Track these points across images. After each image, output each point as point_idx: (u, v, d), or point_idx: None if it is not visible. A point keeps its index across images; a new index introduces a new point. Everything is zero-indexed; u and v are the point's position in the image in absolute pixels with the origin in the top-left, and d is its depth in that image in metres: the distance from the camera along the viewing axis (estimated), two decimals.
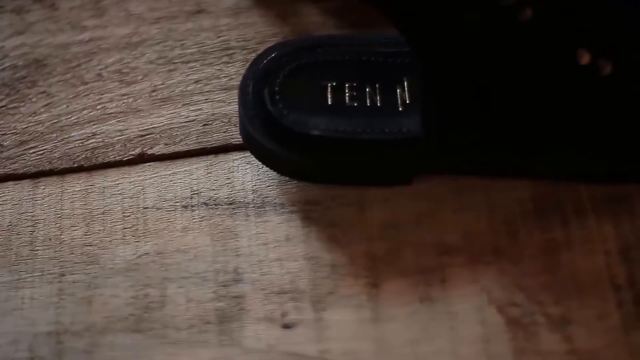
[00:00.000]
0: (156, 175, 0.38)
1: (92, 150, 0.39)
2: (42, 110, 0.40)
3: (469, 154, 0.34)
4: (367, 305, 0.34)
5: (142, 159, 0.38)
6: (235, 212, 0.36)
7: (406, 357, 0.33)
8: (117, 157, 0.38)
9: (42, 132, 0.40)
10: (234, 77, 0.40)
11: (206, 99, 0.40)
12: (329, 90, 0.36)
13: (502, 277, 0.34)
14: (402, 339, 0.33)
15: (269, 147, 0.35)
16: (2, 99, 0.41)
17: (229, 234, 0.36)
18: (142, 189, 0.38)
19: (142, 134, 0.39)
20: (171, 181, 0.38)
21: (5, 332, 0.35)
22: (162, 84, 0.40)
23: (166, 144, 0.39)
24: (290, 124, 0.34)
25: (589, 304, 0.33)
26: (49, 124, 0.40)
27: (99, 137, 0.39)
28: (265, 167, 0.37)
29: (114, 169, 0.38)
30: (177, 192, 0.37)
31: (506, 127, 0.33)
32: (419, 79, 0.34)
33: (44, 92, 0.41)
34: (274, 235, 0.36)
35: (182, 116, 0.39)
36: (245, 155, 0.38)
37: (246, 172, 0.37)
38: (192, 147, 0.38)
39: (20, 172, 0.39)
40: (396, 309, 0.34)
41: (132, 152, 0.39)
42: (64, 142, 0.39)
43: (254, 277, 0.35)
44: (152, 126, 0.39)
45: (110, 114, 0.40)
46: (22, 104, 0.40)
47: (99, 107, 0.40)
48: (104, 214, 0.37)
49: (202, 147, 0.38)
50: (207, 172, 0.38)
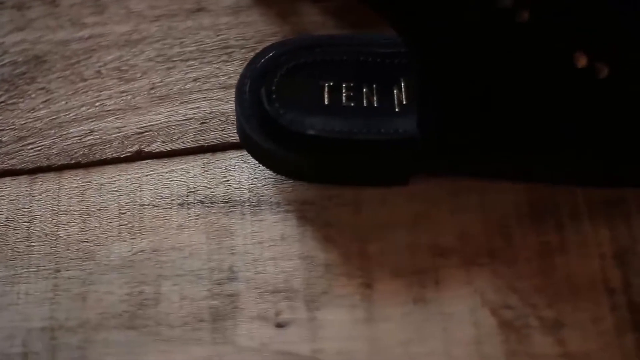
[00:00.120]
0: (153, 172, 0.38)
1: (89, 146, 0.39)
2: (41, 106, 0.40)
3: (469, 153, 0.34)
4: (360, 305, 0.34)
5: (140, 156, 0.38)
6: (231, 211, 0.36)
7: (399, 357, 0.33)
8: (114, 154, 0.39)
9: (40, 128, 0.40)
10: (232, 75, 0.40)
11: (204, 97, 0.40)
12: (326, 90, 0.35)
13: (496, 279, 0.34)
14: (396, 339, 0.33)
15: (265, 147, 0.35)
16: (1, 95, 0.41)
17: (224, 232, 0.36)
18: (139, 186, 0.38)
19: (139, 131, 0.39)
20: (168, 179, 0.38)
21: (0, 327, 0.35)
22: (161, 82, 0.40)
23: (164, 142, 0.39)
24: (286, 124, 0.34)
25: (582, 307, 0.33)
26: (48, 120, 0.40)
27: (96, 134, 0.39)
28: (261, 166, 0.37)
29: (111, 166, 0.38)
30: (173, 189, 0.37)
31: (505, 126, 0.33)
32: (415, 79, 0.34)
33: (43, 88, 0.41)
34: (269, 234, 0.36)
35: (180, 114, 0.39)
36: (242, 154, 0.38)
37: (243, 171, 0.38)
38: (189, 145, 0.38)
39: (18, 167, 0.39)
40: (390, 309, 0.34)
41: (130, 150, 0.39)
42: (62, 138, 0.39)
43: (249, 276, 0.35)
44: (150, 124, 0.39)
45: (108, 111, 0.40)
46: (21, 99, 0.41)
47: (97, 104, 0.40)
48: (100, 210, 0.37)
49: (200, 145, 0.38)
50: (204, 170, 0.38)
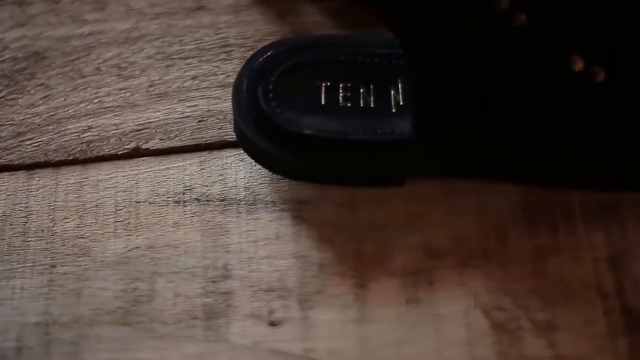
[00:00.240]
0: (150, 169, 0.38)
1: (87, 143, 0.39)
2: (40, 102, 0.40)
3: (466, 154, 0.34)
4: (354, 305, 0.34)
5: (137, 153, 0.39)
6: (226, 209, 0.37)
7: (391, 357, 0.33)
8: (112, 151, 0.39)
9: (39, 124, 0.40)
10: (231, 74, 0.40)
11: (202, 96, 0.40)
12: (323, 90, 0.36)
13: (490, 281, 0.34)
14: (388, 339, 0.33)
15: (261, 146, 0.35)
16: (1, 90, 0.41)
17: (219, 230, 0.36)
18: (136, 183, 0.38)
19: (137, 128, 0.39)
20: (164, 176, 0.38)
21: None
22: (160, 80, 0.40)
23: (161, 139, 0.39)
24: (282, 123, 0.34)
25: (575, 310, 0.33)
26: (46, 116, 0.40)
27: (94, 130, 0.39)
28: (258, 165, 0.37)
29: (108, 163, 0.38)
30: (170, 187, 0.38)
31: (504, 126, 0.33)
32: (410, 81, 0.34)
33: (43, 84, 0.41)
34: (264, 232, 0.36)
35: (177, 112, 0.39)
36: (238, 152, 0.38)
37: (239, 169, 0.38)
38: (186, 142, 0.39)
39: (16, 163, 0.39)
40: (383, 309, 0.34)
41: (127, 146, 0.39)
42: (60, 134, 0.39)
43: (243, 274, 0.35)
44: (148, 121, 0.39)
45: (107, 107, 0.40)
46: (20, 95, 0.41)
47: (96, 100, 0.40)
48: (96, 206, 0.37)
49: (197, 143, 0.38)
50: (201, 168, 0.38)
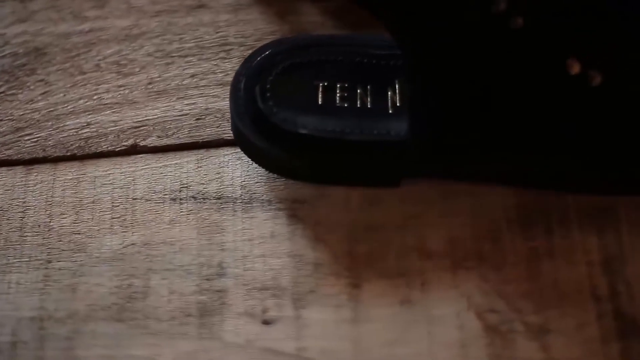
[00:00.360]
0: (147, 167, 0.38)
1: (85, 139, 0.39)
2: (39, 98, 0.41)
3: (465, 154, 0.34)
4: (347, 305, 0.34)
5: (135, 150, 0.39)
6: (222, 207, 0.37)
7: (384, 358, 0.33)
8: (109, 148, 0.39)
9: (38, 120, 0.40)
10: (229, 73, 0.40)
11: (201, 94, 0.40)
12: (321, 89, 0.36)
13: (483, 283, 0.34)
14: (381, 340, 0.33)
15: (258, 145, 0.35)
16: (1, 86, 0.41)
17: (215, 228, 0.36)
18: (133, 180, 0.38)
19: (135, 125, 0.39)
20: (161, 173, 0.38)
21: None
22: (159, 77, 0.41)
23: (159, 137, 0.39)
24: (279, 122, 0.34)
25: (568, 313, 0.33)
26: (45, 112, 0.40)
27: (93, 127, 0.39)
28: (254, 164, 0.37)
29: (106, 159, 0.39)
30: (166, 184, 0.38)
31: (503, 126, 0.33)
32: (409, 81, 0.34)
33: (42, 80, 0.41)
34: (259, 231, 0.36)
35: (176, 109, 0.40)
36: (236, 151, 0.38)
37: (236, 168, 0.38)
38: (184, 140, 0.39)
39: (14, 158, 0.39)
40: (376, 310, 0.34)
41: (125, 143, 0.39)
42: (58, 130, 0.40)
43: (237, 272, 0.35)
44: (146, 118, 0.39)
45: (105, 104, 0.40)
46: (20, 91, 0.41)
47: (95, 97, 0.40)
48: (93, 203, 0.38)
49: (194, 141, 0.39)
50: (198, 166, 0.38)
